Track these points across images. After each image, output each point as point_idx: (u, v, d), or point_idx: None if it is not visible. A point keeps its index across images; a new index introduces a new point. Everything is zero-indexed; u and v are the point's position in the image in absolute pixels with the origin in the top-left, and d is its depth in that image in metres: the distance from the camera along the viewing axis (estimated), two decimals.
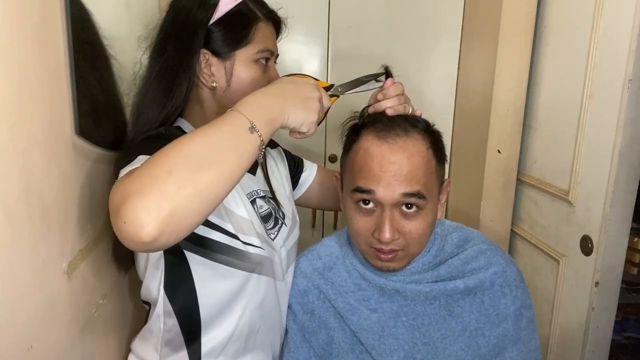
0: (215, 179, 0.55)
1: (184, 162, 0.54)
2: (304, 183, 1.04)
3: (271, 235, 0.82)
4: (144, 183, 0.51)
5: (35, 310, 0.59)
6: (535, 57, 1.35)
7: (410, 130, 0.75)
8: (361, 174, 0.74)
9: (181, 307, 0.75)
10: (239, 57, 0.78)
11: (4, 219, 0.51)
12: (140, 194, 0.50)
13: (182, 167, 0.53)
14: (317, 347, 0.85)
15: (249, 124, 0.60)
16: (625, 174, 1.05)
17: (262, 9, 0.81)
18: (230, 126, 0.60)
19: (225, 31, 0.77)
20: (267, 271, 0.79)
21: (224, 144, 0.58)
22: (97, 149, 0.77)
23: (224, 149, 0.57)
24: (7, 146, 0.51)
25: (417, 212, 0.75)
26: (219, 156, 0.56)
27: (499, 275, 0.81)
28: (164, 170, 0.52)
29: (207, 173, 0.54)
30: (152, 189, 0.51)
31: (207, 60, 0.78)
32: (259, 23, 0.79)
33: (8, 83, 0.52)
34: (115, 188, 0.55)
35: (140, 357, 0.81)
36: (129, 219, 0.50)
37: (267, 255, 0.78)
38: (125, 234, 0.51)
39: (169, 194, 0.51)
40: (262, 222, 0.81)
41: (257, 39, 0.79)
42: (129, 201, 0.50)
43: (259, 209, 0.82)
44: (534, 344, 0.83)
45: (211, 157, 0.56)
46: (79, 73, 0.68)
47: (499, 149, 1.40)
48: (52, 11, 0.62)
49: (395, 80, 0.81)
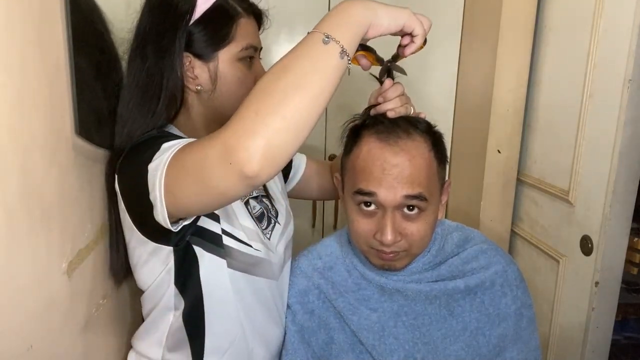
0: (300, 105, 0.55)
1: (266, 99, 0.55)
2: (295, 175, 1.05)
3: (267, 234, 0.82)
4: (238, 127, 0.55)
5: (35, 310, 0.59)
6: (535, 57, 1.35)
7: (411, 132, 0.74)
8: (363, 176, 0.74)
9: (188, 302, 0.75)
10: (222, 57, 0.75)
11: (4, 219, 0.51)
12: (237, 136, 0.54)
13: (266, 104, 0.55)
14: (317, 347, 0.84)
15: (322, 36, 0.58)
16: (625, 174, 1.05)
17: (242, 3, 0.77)
18: (303, 46, 0.59)
19: (205, 32, 0.74)
20: (266, 272, 0.80)
21: (300, 66, 0.57)
22: (97, 149, 0.77)
23: (302, 71, 0.56)
24: (7, 146, 0.51)
25: (419, 214, 0.75)
26: (298, 80, 0.56)
27: (500, 274, 0.81)
28: (251, 111, 0.55)
29: (290, 102, 0.55)
30: (245, 130, 0.54)
31: (190, 63, 0.75)
32: (240, 19, 0.76)
33: (8, 83, 0.52)
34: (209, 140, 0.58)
35: (141, 353, 0.81)
36: (233, 160, 0.54)
37: (265, 256, 0.79)
38: (231, 175, 0.55)
39: (261, 132, 0.54)
40: (257, 222, 0.81)
41: (240, 36, 0.76)
42: (229, 145, 0.54)
43: (252, 210, 0.82)
44: (534, 343, 0.83)
45: (291, 85, 0.56)
46: (80, 73, 0.68)
47: (499, 149, 1.40)
48: (52, 11, 0.62)
49: (395, 81, 0.80)
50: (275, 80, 0.56)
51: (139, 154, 0.67)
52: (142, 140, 0.71)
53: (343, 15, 0.60)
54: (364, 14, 0.61)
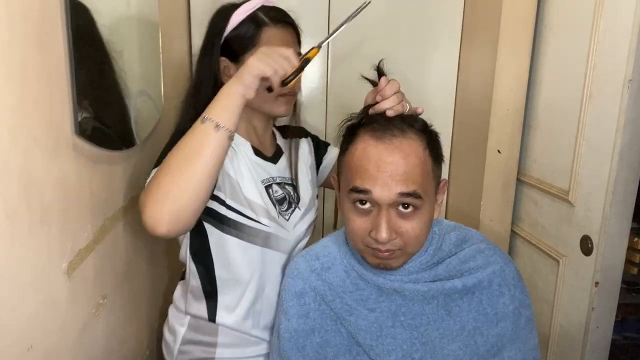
0: (191, 174, 0.71)
1: (165, 173, 0.71)
2: (326, 168, 1.15)
3: (285, 216, 0.97)
4: (147, 198, 0.71)
5: (35, 310, 0.59)
6: (535, 57, 1.35)
7: (406, 130, 0.75)
8: (358, 174, 0.75)
9: (201, 269, 0.93)
10: (247, 59, 0.82)
11: (4, 219, 0.51)
12: (145, 205, 0.70)
13: (165, 178, 0.71)
14: (312, 350, 0.84)
15: (201, 118, 0.73)
16: (625, 174, 1.05)
17: (270, 13, 0.91)
18: (191, 129, 0.74)
19: (236, 39, 0.90)
20: (274, 245, 0.94)
21: (187, 143, 0.73)
22: (97, 149, 0.77)
23: (189, 147, 0.72)
24: (7, 146, 0.52)
25: (414, 212, 0.75)
26: (187, 155, 0.72)
27: (497, 274, 0.81)
28: (154, 185, 0.71)
29: (184, 173, 0.71)
30: (150, 201, 0.70)
31: (226, 67, 0.92)
32: (265, 28, 0.89)
33: (8, 83, 0.52)
34: (141, 195, 0.74)
35: (174, 302, 0.99)
36: (145, 223, 0.70)
37: (274, 232, 0.93)
38: (149, 231, 0.71)
39: (163, 202, 0.70)
40: (278, 204, 0.96)
41: (263, 43, 0.88)
42: (141, 211, 0.71)
43: (274, 193, 0.96)
44: (533, 343, 0.83)
45: (182, 159, 0.72)
46: (79, 72, 0.68)
47: (499, 149, 1.40)
48: (52, 11, 0.62)
49: (390, 78, 0.81)
50: (171, 157, 0.73)
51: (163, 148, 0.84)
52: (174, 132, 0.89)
53: (219, 96, 0.76)
54: (233, 87, 0.75)
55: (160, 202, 0.69)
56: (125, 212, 0.93)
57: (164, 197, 0.69)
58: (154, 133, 1.09)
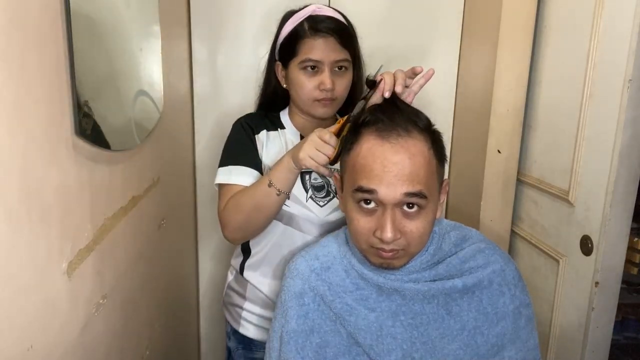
0: (253, 215, 0.99)
1: (241, 211, 0.99)
2: None
3: (319, 202, 1.06)
4: (227, 221, 1.01)
5: (35, 310, 0.59)
6: (535, 57, 1.35)
7: (411, 130, 0.75)
8: (363, 174, 0.75)
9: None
10: (291, 66, 1.03)
11: (4, 219, 0.51)
12: (225, 228, 1.03)
13: (241, 215, 0.99)
14: (311, 351, 0.84)
15: (267, 182, 0.95)
16: (625, 174, 1.05)
17: (313, 24, 1.00)
18: (259, 186, 0.98)
19: (285, 47, 1.04)
20: (296, 225, 1.06)
21: (256, 196, 0.98)
22: (97, 149, 0.77)
23: (256, 200, 0.98)
24: (7, 146, 0.51)
25: (419, 212, 0.75)
26: (254, 203, 0.98)
27: (498, 273, 0.81)
28: (233, 217, 1.00)
29: (252, 220, 1.00)
30: (230, 226, 1.02)
31: (280, 70, 1.07)
32: (305, 38, 1.00)
33: (8, 83, 0.52)
34: (220, 212, 1.04)
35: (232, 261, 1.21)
36: (225, 237, 1.04)
37: (297, 213, 1.05)
38: (227, 240, 1.06)
39: (237, 230, 1.02)
40: (314, 190, 1.06)
41: (302, 51, 1.00)
42: (223, 227, 1.03)
43: (313, 180, 1.07)
44: (533, 342, 0.83)
45: (252, 208, 0.98)
46: (79, 72, 0.68)
47: (499, 149, 1.40)
48: (52, 11, 0.62)
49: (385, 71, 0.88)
50: (246, 200, 0.99)
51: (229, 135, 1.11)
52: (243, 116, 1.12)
53: (280, 167, 0.95)
54: (290, 165, 0.94)
55: (237, 230, 1.01)
56: (125, 212, 0.93)
57: (239, 228, 1.01)
58: (154, 133, 1.09)
